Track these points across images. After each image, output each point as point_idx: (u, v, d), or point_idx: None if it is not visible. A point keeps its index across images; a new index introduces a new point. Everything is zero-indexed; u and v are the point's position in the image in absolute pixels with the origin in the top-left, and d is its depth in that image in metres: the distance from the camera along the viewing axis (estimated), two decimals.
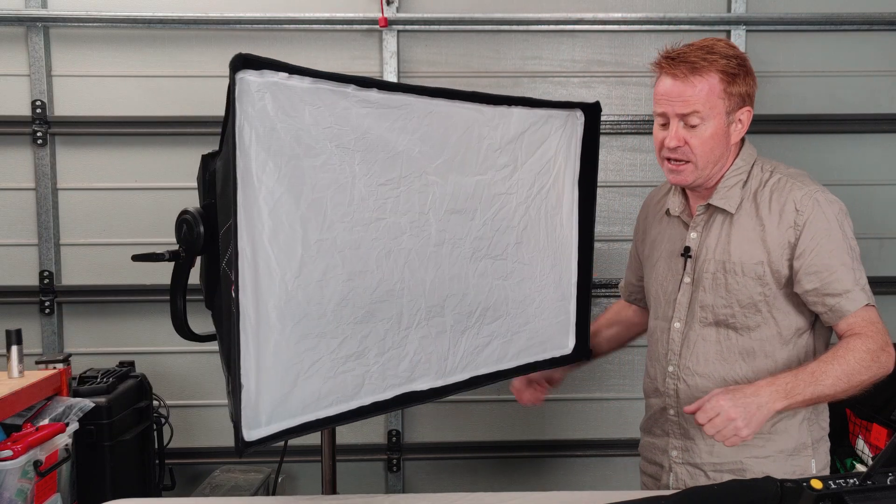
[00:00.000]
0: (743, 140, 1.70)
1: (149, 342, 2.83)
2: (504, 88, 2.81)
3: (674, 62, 1.59)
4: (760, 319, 1.65)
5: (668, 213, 1.78)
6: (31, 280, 2.81)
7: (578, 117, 1.96)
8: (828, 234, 1.59)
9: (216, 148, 1.49)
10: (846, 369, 1.51)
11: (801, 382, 1.49)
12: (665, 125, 1.63)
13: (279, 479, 2.65)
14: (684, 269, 1.72)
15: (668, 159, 1.64)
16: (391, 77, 2.76)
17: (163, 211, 2.70)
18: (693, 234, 1.71)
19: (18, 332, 2.11)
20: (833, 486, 0.99)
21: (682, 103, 1.58)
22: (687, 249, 1.71)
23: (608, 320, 2.06)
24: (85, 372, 2.37)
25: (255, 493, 2.53)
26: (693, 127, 1.59)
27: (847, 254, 1.60)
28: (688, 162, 1.62)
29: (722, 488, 1.13)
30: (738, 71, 1.60)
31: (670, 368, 1.72)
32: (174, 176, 2.78)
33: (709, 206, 1.68)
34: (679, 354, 1.71)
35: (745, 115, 1.64)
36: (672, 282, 1.74)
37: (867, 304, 1.58)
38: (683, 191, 1.75)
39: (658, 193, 1.89)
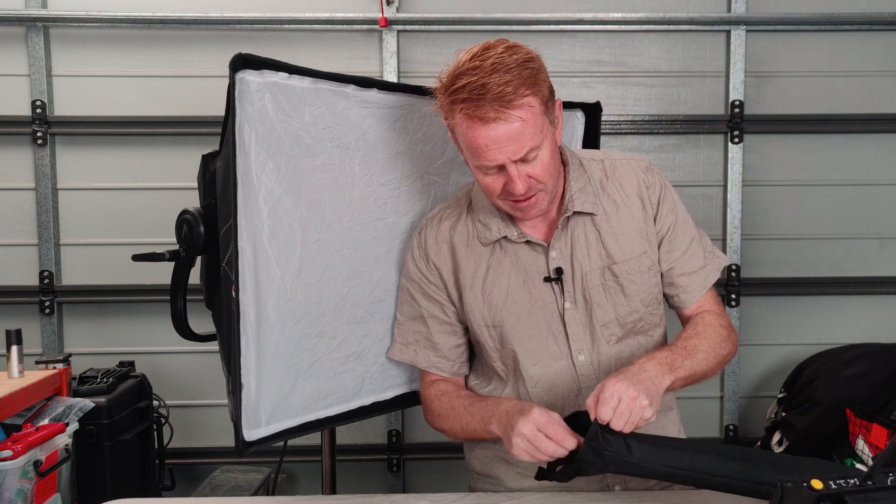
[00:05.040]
0: None
1: (149, 342, 2.82)
2: None
3: (477, 103, 1.27)
4: (661, 310, 1.56)
5: (500, 241, 1.50)
6: (31, 280, 2.80)
7: (579, 118, 1.96)
8: (674, 208, 1.53)
9: (216, 148, 1.49)
10: (711, 343, 1.44)
11: (678, 356, 1.37)
12: (497, 171, 1.36)
13: (279, 479, 2.65)
14: (559, 295, 1.48)
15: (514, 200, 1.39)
16: (391, 77, 2.75)
17: (163, 211, 2.70)
18: (554, 253, 1.48)
19: (18, 332, 2.11)
20: (834, 486, 0.99)
21: (516, 146, 1.30)
22: (559, 271, 1.47)
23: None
24: (85, 372, 2.37)
25: (255, 493, 2.53)
26: (533, 160, 1.34)
27: (694, 226, 1.55)
28: (538, 192, 1.39)
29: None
30: (536, 68, 1.32)
31: None
32: (174, 176, 2.78)
33: (569, 217, 1.47)
34: None
35: (558, 110, 1.41)
36: (543, 315, 1.49)
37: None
38: (499, 212, 1.49)
39: (442, 225, 1.57)
